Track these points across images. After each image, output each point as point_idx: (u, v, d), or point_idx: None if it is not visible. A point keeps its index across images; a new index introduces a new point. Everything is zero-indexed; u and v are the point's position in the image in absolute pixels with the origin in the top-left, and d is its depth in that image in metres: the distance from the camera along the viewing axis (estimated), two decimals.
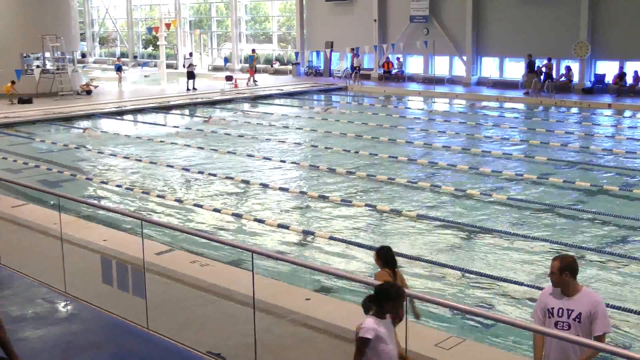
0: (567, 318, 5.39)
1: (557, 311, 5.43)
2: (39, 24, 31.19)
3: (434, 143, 20.40)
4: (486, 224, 12.45)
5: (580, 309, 5.37)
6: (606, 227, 12.37)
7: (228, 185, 15.92)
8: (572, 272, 5.42)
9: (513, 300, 9.36)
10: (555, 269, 5.43)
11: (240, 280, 8.46)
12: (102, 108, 28.54)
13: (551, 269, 5.47)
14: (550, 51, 30.44)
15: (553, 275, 5.46)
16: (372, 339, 5.01)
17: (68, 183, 16.33)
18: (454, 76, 34.70)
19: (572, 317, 5.38)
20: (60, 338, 7.68)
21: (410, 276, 10.24)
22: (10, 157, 19.30)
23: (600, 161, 17.89)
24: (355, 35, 36.41)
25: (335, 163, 17.74)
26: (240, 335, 7.38)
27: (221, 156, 19.15)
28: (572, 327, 5.36)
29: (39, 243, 10.97)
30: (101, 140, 22.00)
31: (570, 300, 5.42)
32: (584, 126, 23.71)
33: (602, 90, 29.55)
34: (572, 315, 5.38)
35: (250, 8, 45.54)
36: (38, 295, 8.81)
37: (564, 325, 5.38)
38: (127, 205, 14.38)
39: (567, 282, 5.43)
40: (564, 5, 30.02)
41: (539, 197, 14.26)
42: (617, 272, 10.26)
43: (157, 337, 7.59)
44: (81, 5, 52.09)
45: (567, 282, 5.43)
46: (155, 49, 44.71)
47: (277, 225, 12.56)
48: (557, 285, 5.48)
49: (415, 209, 13.43)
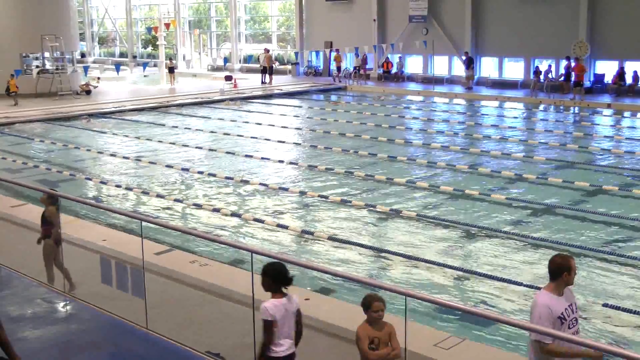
0: (573, 313, 5.44)
1: (566, 313, 5.41)
2: (38, 24, 31.19)
3: (433, 143, 20.40)
4: (485, 224, 12.45)
5: (572, 299, 5.49)
6: (605, 227, 12.37)
7: (227, 185, 15.91)
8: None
9: (512, 300, 9.36)
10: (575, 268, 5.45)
11: (240, 280, 8.45)
12: (101, 108, 28.56)
13: (575, 269, 5.45)
14: (550, 51, 30.47)
15: (574, 275, 5.48)
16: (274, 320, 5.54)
17: (67, 183, 16.33)
18: (453, 76, 34.72)
19: (573, 309, 5.45)
20: (59, 338, 7.68)
21: (410, 276, 10.26)
22: (9, 157, 19.29)
23: (599, 161, 17.90)
24: (354, 35, 36.41)
25: (334, 163, 17.74)
26: (239, 335, 7.37)
27: (221, 156, 19.15)
28: (578, 319, 5.44)
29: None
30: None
31: (564, 296, 5.45)
32: (583, 126, 23.72)
33: (601, 90, 29.57)
34: (573, 308, 5.45)
35: (249, 8, 45.54)
36: (37, 295, 8.80)
37: (573, 321, 5.42)
38: (126, 205, 14.38)
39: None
40: (563, 5, 30.03)
41: (538, 197, 14.26)
42: (617, 272, 10.26)
43: (157, 337, 7.58)
44: (80, 5, 52.07)
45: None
46: (155, 49, 44.72)
47: (276, 225, 12.56)
48: (571, 284, 5.51)
49: (414, 209, 13.43)
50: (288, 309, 5.67)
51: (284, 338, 5.65)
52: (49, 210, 9.24)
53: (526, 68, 32.12)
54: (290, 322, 5.72)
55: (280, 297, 5.66)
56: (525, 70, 32.14)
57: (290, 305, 5.70)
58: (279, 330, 5.61)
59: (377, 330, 5.71)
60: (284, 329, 5.63)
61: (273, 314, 5.57)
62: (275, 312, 5.58)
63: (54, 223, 9.21)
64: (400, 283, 9.78)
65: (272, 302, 5.61)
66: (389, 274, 10.41)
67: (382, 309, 5.71)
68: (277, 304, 5.61)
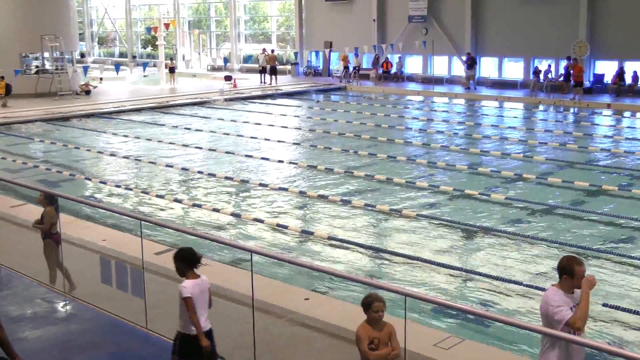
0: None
1: (572, 312, 5.41)
2: (38, 24, 31.18)
3: (433, 143, 20.40)
4: (485, 224, 12.45)
5: (578, 300, 5.47)
6: (605, 227, 12.38)
7: (227, 185, 15.91)
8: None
9: (512, 300, 9.36)
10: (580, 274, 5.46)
11: (240, 280, 8.45)
12: (101, 108, 28.55)
13: (580, 275, 5.44)
14: (550, 51, 30.47)
15: (579, 281, 5.48)
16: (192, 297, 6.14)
17: (67, 183, 16.33)
18: (452, 76, 34.72)
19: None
20: (59, 338, 7.68)
21: (410, 276, 10.26)
22: (9, 157, 19.29)
23: (599, 161, 17.90)
24: (354, 35, 36.41)
25: (334, 163, 17.74)
26: (239, 335, 7.37)
27: (220, 156, 19.15)
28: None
29: (38, 243, 10.93)
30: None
31: (571, 296, 5.46)
32: (582, 126, 23.73)
33: (601, 90, 29.57)
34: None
35: (249, 8, 45.54)
36: (37, 295, 8.81)
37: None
38: (126, 205, 14.38)
39: None
40: (563, 5, 30.03)
41: (538, 197, 14.26)
42: (617, 272, 10.26)
43: (156, 336, 7.59)
44: (80, 5, 52.05)
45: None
46: (154, 49, 44.71)
47: (276, 225, 12.56)
48: (576, 288, 5.50)
49: (414, 209, 13.43)
50: (202, 288, 6.28)
51: (201, 315, 6.23)
52: (46, 212, 9.24)
53: (526, 68, 32.12)
54: (205, 300, 6.32)
55: (194, 278, 6.25)
56: (525, 70, 32.14)
57: (203, 285, 6.31)
58: (197, 308, 6.18)
59: (377, 330, 5.71)
60: (200, 307, 6.21)
61: (191, 292, 6.13)
62: (193, 291, 6.15)
63: (53, 223, 9.21)
64: (400, 283, 9.78)
65: (189, 282, 6.21)
66: (389, 274, 10.41)
67: (382, 309, 5.71)
68: (193, 284, 6.19)
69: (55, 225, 9.22)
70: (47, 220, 9.17)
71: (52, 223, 9.19)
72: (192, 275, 6.26)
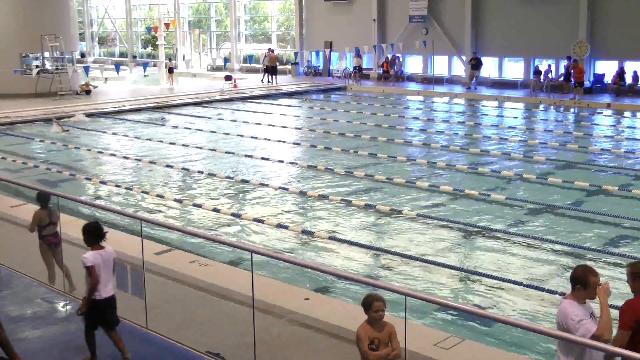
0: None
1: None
2: (38, 24, 31.17)
3: (433, 143, 20.40)
4: (485, 224, 12.45)
5: (590, 310, 5.42)
6: (605, 227, 12.38)
7: (227, 185, 15.91)
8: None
9: (512, 300, 9.36)
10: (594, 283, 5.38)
11: (240, 280, 8.45)
12: (101, 108, 28.54)
13: (594, 285, 5.35)
14: (550, 51, 30.47)
15: (593, 291, 5.40)
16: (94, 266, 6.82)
17: (67, 183, 16.32)
18: (453, 76, 34.72)
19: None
20: (59, 338, 7.68)
21: (410, 276, 10.26)
22: (9, 157, 19.28)
23: (599, 161, 17.90)
24: (354, 35, 36.41)
25: (334, 163, 17.74)
26: (239, 335, 7.37)
27: (220, 156, 19.15)
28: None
29: (38, 243, 10.94)
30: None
31: (585, 306, 5.39)
32: (583, 126, 23.72)
33: (601, 90, 29.56)
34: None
35: (249, 8, 45.53)
36: (37, 295, 8.81)
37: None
38: (126, 205, 14.37)
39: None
40: (562, 5, 30.02)
41: (538, 197, 14.25)
42: (617, 272, 10.25)
43: (156, 337, 7.58)
44: (80, 5, 52.06)
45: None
46: (155, 49, 44.70)
47: (276, 225, 12.56)
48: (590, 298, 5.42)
49: (414, 209, 13.42)
50: (105, 258, 6.96)
51: (107, 281, 6.92)
52: (35, 213, 9.20)
53: (526, 68, 32.12)
54: (108, 269, 7.00)
55: (98, 249, 6.97)
56: (525, 70, 32.14)
57: (106, 254, 6.99)
58: (100, 275, 6.83)
59: (377, 330, 5.70)
60: (102, 274, 6.86)
61: (92, 261, 6.83)
62: (94, 261, 6.84)
63: (46, 225, 9.17)
64: (400, 283, 9.78)
65: (91, 253, 6.93)
66: (389, 274, 10.41)
67: (382, 309, 5.70)
68: (95, 255, 6.90)
69: (50, 227, 9.16)
70: (34, 221, 9.15)
71: (41, 225, 9.14)
72: (96, 246, 6.98)
